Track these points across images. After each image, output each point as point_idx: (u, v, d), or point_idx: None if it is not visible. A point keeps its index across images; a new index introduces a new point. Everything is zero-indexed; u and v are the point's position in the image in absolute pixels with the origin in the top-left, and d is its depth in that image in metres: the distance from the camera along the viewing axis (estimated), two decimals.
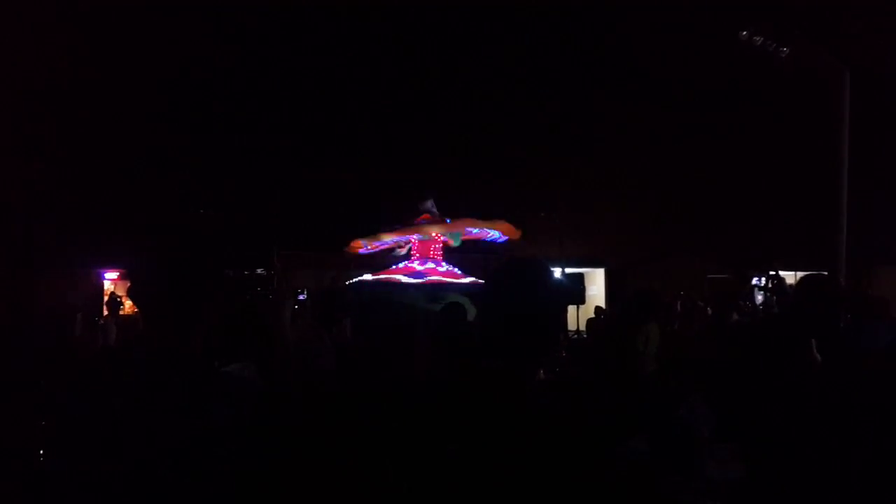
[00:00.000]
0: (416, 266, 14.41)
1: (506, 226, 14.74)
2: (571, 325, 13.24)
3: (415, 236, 14.70)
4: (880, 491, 3.02)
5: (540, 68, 19.80)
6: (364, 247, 14.58)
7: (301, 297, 5.73)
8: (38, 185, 14.97)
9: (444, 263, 14.73)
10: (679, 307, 9.41)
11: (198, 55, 17.41)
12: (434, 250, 14.81)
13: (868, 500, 3.00)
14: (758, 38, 9.88)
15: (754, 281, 6.95)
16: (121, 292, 14.13)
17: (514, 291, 1.90)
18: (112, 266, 16.69)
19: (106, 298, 14.94)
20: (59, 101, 15.76)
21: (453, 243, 14.71)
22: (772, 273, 7.04)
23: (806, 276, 3.84)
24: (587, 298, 14.89)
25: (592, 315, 14.77)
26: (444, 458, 1.73)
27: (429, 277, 13.55)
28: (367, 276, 13.81)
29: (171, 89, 17.55)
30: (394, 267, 14.68)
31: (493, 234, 14.76)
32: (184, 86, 17.64)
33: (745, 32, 9.91)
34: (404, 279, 13.47)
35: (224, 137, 18.18)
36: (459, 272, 14.54)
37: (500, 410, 1.75)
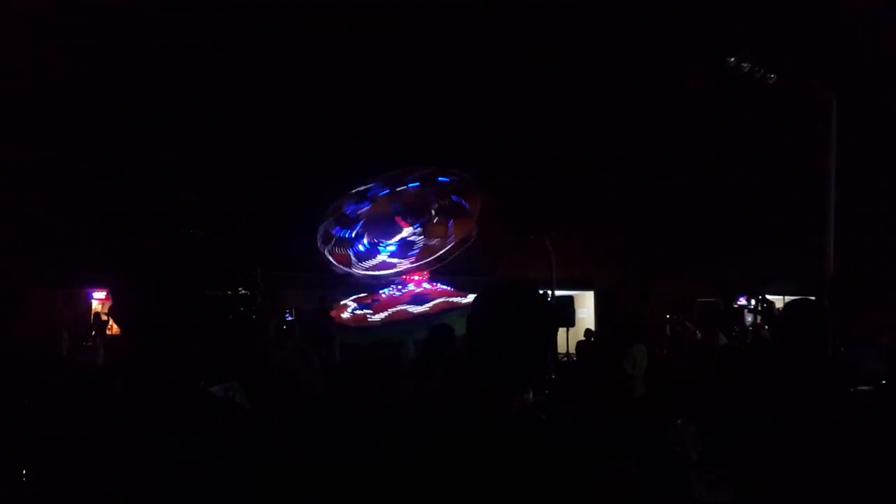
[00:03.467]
0: (413, 288, 14.34)
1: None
2: (561, 348, 13.22)
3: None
4: None
5: (528, 93, 19.92)
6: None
7: (288, 318, 5.72)
8: (22, 201, 14.88)
9: (434, 284, 14.70)
10: (668, 330, 9.44)
11: (186, 71, 17.42)
12: (421, 276, 14.75)
13: None
14: (745, 65, 9.97)
15: (742, 302, 7.00)
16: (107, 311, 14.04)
17: (503, 312, 1.89)
18: (99, 286, 16.57)
19: (91, 319, 14.86)
20: (44, 116, 15.71)
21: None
22: (761, 297, 7.09)
23: (792, 300, 3.85)
24: (577, 321, 14.90)
25: (582, 338, 14.80)
26: (431, 478, 1.72)
27: (434, 301, 13.34)
28: (376, 317, 13.40)
29: (157, 105, 17.53)
30: (384, 292, 14.58)
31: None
32: (171, 102, 17.62)
33: (732, 59, 10.00)
34: (411, 309, 13.22)
35: (211, 156, 18.15)
36: (451, 289, 14.50)
37: (486, 431, 1.74)
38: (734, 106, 16.60)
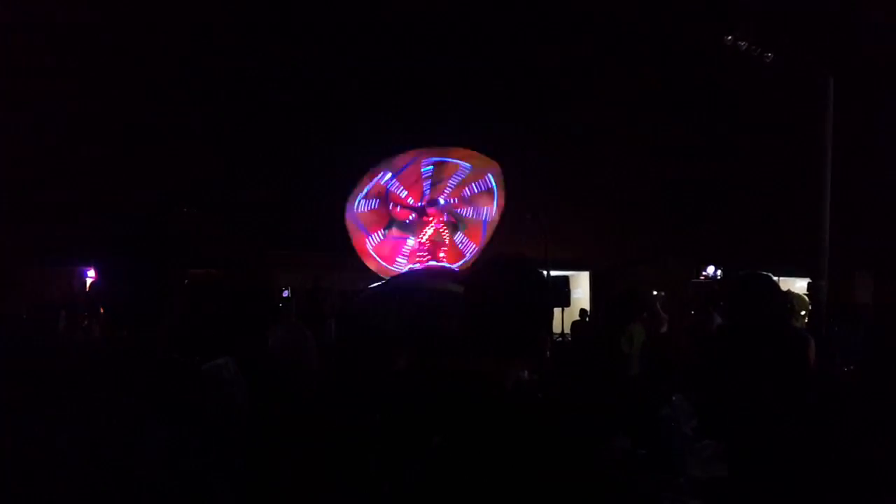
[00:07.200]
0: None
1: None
2: (556, 328, 13.21)
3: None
4: (860, 491, 3.04)
5: (523, 72, 19.82)
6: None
7: (285, 295, 5.72)
8: (17, 179, 14.80)
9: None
10: (662, 310, 9.43)
11: (186, 48, 17.27)
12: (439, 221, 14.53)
13: (847, 499, 3.01)
14: (742, 43, 9.92)
15: (709, 271, 6.98)
16: None
17: (501, 287, 1.89)
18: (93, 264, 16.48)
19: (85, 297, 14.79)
20: (41, 93, 15.58)
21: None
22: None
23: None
24: (572, 301, 14.89)
25: (577, 317, 14.81)
26: (427, 454, 1.72)
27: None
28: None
29: (157, 83, 17.39)
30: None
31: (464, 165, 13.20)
32: (171, 79, 17.49)
33: (729, 37, 9.95)
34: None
35: (211, 136, 18.04)
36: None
37: (483, 408, 1.75)
38: (731, 85, 16.55)
